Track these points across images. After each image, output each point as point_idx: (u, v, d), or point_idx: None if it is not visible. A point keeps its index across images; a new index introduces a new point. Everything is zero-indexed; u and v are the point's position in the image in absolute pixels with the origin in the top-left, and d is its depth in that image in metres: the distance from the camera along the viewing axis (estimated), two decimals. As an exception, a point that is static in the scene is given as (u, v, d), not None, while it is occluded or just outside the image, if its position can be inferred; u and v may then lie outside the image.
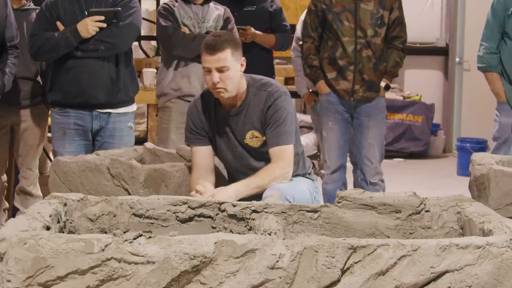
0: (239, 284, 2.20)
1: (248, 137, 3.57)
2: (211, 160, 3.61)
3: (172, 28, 4.68)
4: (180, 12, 4.75)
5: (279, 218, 2.77)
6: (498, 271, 2.24)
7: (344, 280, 2.23)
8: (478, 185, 3.55)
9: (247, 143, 3.58)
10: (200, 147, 3.59)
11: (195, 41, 4.64)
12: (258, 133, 3.56)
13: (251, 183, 3.42)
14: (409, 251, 2.23)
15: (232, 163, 3.64)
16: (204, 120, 3.61)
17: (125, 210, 2.80)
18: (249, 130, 3.56)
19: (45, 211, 2.53)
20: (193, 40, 4.66)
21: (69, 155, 4.03)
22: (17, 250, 2.17)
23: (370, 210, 2.85)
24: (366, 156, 4.91)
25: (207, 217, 2.83)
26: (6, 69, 4.29)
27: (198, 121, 3.61)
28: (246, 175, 3.48)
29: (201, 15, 4.78)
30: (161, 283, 2.18)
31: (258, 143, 3.57)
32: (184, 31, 4.69)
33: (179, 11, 4.76)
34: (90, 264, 2.17)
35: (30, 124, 4.81)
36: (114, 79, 4.40)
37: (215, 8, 4.84)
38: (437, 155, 9.39)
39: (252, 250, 2.21)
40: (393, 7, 4.81)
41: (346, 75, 4.80)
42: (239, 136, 3.58)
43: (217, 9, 4.85)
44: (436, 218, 2.81)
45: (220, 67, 3.39)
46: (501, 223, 2.44)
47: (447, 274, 2.23)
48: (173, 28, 4.68)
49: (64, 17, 4.36)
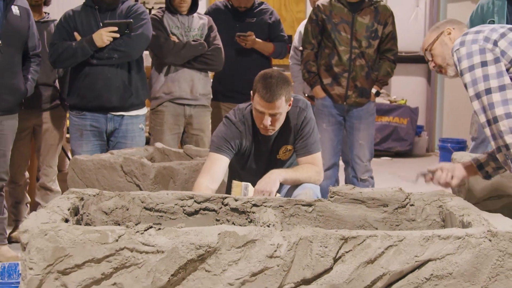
0: (241, 272, 2.20)
1: (282, 152, 3.51)
2: (225, 170, 3.45)
3: (163, 38, 4.67)
4: (168, 22, 4.74)
5: (277, 211, 2.77)
6: (476, 259, 2.24)
7: (336, 268, 2.23)
8: (458, 181, 3.55)
9: (279, 158, 3.53)
10: (225, 157, 3.40)
11: (185, 49, 4.65)
12: (291, 146, 3.51)
13: (293, 175, 3.38)
14: (395, 242, 2.23)
15: (254, 175, 3.45)
16: (243, 141, 3.47)
17: (137, 204, 2.80)
18: (283, 145, 3.51)
19: (64, 205, 2.53)
20: (182, 48, 4.66)
21: (85, 154, 4.03)
22: (39, 241, 2.17)
23: (360, 204, 2.85)
24: (357, 155, 4.91)
25: (212, 210, 2.83)
26: (29, 75, 4.30)
27: (238, 139, 3.44)
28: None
29: (187, 25, 4.77)
30: (170, 271, 2.18)
31: (288, 155, 3.54)
32: (174, 40, 4.69)
33: (167, 21, 4.75)
34: (105, 253, 2.17)
35: (50, 126, 4.82)
36: (126, 85, 4.40)
37: (199, 18, 4.83)
38: (421, 154, 9.39)
39: (253, 241, 2.21)
40: (387, 22, 4.82)
41: (341, 81, 4.81)
42: (274, 153, 3.52)
43: (201, 19, 4.84)
44: (420, 212, 2.81)
45: (274, 113, 3.30)
46: (479, 216, 2.44)
47: (430, 263, 2.23)
48: (164, 37, 4.68)
49: (81, 28, 4.37)
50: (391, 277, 2.23)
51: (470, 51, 2.66)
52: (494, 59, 2.62)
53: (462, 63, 2.67)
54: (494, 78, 2.59)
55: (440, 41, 2.86)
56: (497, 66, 2.61)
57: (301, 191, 3.33)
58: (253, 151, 3.51)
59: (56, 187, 4.92)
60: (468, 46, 2.68)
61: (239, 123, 3.46)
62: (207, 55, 4.73)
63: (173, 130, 4.77)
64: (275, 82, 3.26)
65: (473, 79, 2.62)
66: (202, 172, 3.37)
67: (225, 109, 5.12)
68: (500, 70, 2.60)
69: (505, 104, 2.55)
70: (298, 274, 2.22)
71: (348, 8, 4.79)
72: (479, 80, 2.61)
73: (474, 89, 2.62)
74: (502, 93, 2.57)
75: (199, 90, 4.77)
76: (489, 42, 2.66)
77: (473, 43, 2.68)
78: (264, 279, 2.21)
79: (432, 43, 2.88)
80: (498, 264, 2.25)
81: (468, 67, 2.65)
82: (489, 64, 2.61)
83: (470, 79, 2.63)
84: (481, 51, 2.64)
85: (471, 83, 2.63)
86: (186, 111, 4.77)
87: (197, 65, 4.73)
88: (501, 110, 2.55)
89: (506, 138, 2.54)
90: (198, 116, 4.81)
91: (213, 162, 3.37)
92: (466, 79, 2.65)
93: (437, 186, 3.08)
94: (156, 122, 4.82)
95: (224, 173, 3.42)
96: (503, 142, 2.56)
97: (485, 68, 2.61)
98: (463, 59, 2.67)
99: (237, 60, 5.09)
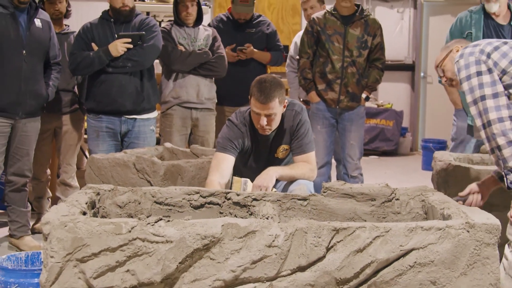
0: (242, 260, 2.20)
1: (279, 151, 3.50)
2: (231, 167, 3.43)
3: (171, 47, 4.67)
4: (176, 33, 4.74)
5: (275, 205, 2.76)
6: (456, 248, 2.23)
7: (328, 256, 2.22)
8: (439, 178, 3.54)
9: (277, 156, 3.51)
10: (230, 156, 3.39)
11: (190, 57, 4.65)
12: (287, 146, 3.50)
13: (289, 172, 3.37)
14: (382, 232, 2.23)
15: (254, 172, 3.44)
16: (245, 141, 3.46)
17: (148, 199, 2.80)
18: (280, 145, 3.50)
19: (82, 199, 2.53)
20: (188, 57, 4.66)
21: (101, 153, 4.03)
22: (59, 231, 2.17)
23: (350, 199, 2.85)
24: (348, 154, 4.91)
25: (216, 204, 2.83)
26: (50, 82, 4.30)
27: (240, 139, 3.44)
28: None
29: (193, 36, 4.77)
30: (178, 259, 2.17)
31: (285, 154, 3.52)
32: (181, 49, 4.69)
33: (175, 32, 4.75)
34: (119, 243, 2.17)
35: (69, 128, 4.82)
36: (139, 91, 4.40)
37: (204, 29, 4.83)
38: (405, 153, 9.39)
39: (253, 232, 2.21)
40: (376, 34, 4.83)
41: (334, 87, 4.81)
42: (272, 151, 3.51)
43: (206, 30, 4.84)
44: (404, 205, 2.81)
45: (269, 114, 3.30)
46: (458, 209, 2.44)
47: (413, 251, 2.23)
48: (172, 47, 4.67)
49: (98, 39, 4.37)
50: (378, 265, 2.23)
51: (468, 62, 2.70)
52: (488, 70, 2.66)
53: (461, 73, 2.71)
54: (488, 86, 2.62)
55: (450, 58, 2.90)
56: (490, 76, 2.64)
57: (295, 187, 3.33)
58: (253, 150, 3.51)
59: (75, 183, 4.92)
60: (466, 58, 2.72)
61: (241, 125, 3.46)
62: (212, 63, 4.73)
63: (181, 131, 4.77)
64: (268, 86, 3.27)
65: (470, 87, 2.66)
66: (211, 171, 3.36)
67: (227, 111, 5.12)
68: (493, 80, 2.64)
69: (498, 109, 2.59)
70: (294, 262, 2.22)
71: (341, 21, 4.79)
72: (475, 88, 2.64)
73: (472, 96, 2.66)
74: (495, 99, 2.60)
75: (205, 94, 4.77)
76: (484, 54, 2.70)
77: (470, 55, 2.72)
78: (263, 267, 2.21)
79: (442, 60, 2.93)
80: (475, 253, 2.24)
81: (466, 76, 2.69)
82: (483, 74, 2.65)
83: (467, 87, 2.67)
84: (477, 62, 2.68)
85: (468, 90, 2.67)
86: (192, 114, 4.77)
87: (202, 71, 4.73)
88: (494, 115, 2.58)
89: (498, 140, 2.57)
90: (204, 119, 4.81)
91: (220, 160, 3.37)
92: (465, 87, 2.69)
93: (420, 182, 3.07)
94: (165, 124, 4.81)
95: (231, 169, 3.41)
96: (495, 143, 2.58)
97: (480, 77, 2.65)
98: (461, 69, 2.71)
99: (238, 68, 5.09)
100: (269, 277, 2.21)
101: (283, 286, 2.21)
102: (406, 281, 2.23)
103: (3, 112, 4.03)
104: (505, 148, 2.55)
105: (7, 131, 4.08)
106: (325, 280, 2.21)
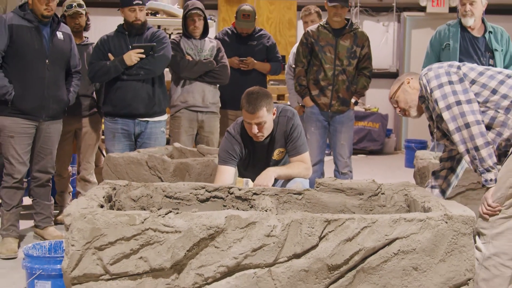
0: (243, 248, 2.20)
1: (276, 154, 3.47)
2: (233, 177, 3.39)
3: (180, 57, 4.67)
4: (184, 44, 4.74)
5: (273, 199, 2.76)
6: (435, 238, 2.24)
7: (321, 244, 2.22)
8: (420, 174, 3.55)
9: (274, 159, 3.48)
10: (231, 167, 3.37)
11: (197, 66, 4.66)
12: (283, 148, 3.47)
13: (286, 171, 3.34)
14: (369, 223, 2.23)
15: (255, 173, 3.39)
16: (244, 149, 3.42)
17: (159, 193, 2.80)
18: (276, 148, 3.46)
19: (99, 194, 2.53)
20: (195, 65, 4.66)
21: (117, 152, 4.03)
22: (79, 222, 2.17)
23: (341, 193, 2.85)
24: (339, 153, 4.90)
25: (220, 198, 2.83)
26: (71, 88, 4.30)
27: (238, 149, 3.40)
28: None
29: (199, 47, 4.76)
30: (186, 247, 2.18)
31: (281, 156, 3.50)
32: (188, 58, 4.69)
33: (183, 44, 4.74)
34: (133, 233, 2.17)
35: (88, 129, 4.82)
36: (150, 96, 4.40)
37: (210, 41, 4.83)
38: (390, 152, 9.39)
39: (253, 223, 2.21)
40: (364, 45, 4.83)
41: (326, 93, 4.81)
42: (269, 155, 3.47)
43: (211, 42, 4.83)
44: (389, 199, 2.81)
45: (258, 122, 3.25)
46: (437, 202, 2.44)
47: (397, 240, 2.23)
48: (180, 56, 4.67)
49: (114, 50, 4.37)
50: (365, 252, 2.23)
51: (438, 73, 2.65)
52: (459, 79, 2.61)
53: (431, 83, 2.64)
54: (461, 94, 2.57)
55: (402, 90, 2.84)
56: (462, 84, 2.60)
57: (292, 185, 3.30)
58: (251, 155, 3.48)
59: (93, 179, 4.91)
60: (435, 70, 2.68)
61: (238, 135, 3.41)
62: (216, 71, 4.73)
63: (188, 132, 4.77)
64: (255, 97, 3.22)
65: (442, 94, 2.59)
66: (215, 183, 3.28)
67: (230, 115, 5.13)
68: (465, 88, 2.59)
69: (474, 113, 2.53)
70: (290, 250, 2.22)
71: (332, 33, 4.79)
72: (449, 94, 2.58)
73: (445, 102, 2.58)
74: (470, 105, 2.55)
75: (209, 99, 4.77)
76: (453, 67, 2.67)
77: (439, 68, 2.68)
78: (262, 254, 2.21)
79: (395, 92, 2.86)
80: (453, 242, 2.24)
81: (437, 85, 2.62)
82: (455, 83, 2.60)
83: (440, 95, 2.60)
84: (447, 73, 2.64)
85: (441, 97, 2.59)
86: (198, 117, 4.77)
87: (207, 79, 4.73)
88: (472, 117, 2.52)
89: (477, 141, 2.51)
90: (209, 121, 4.81)
91: (221, 173, 3.34)
92: (436, 95, 2.61)
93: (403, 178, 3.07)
94: (174, 125, 4.82)
95: (232, 178, 3.38)
96: (473, 144, 2.52)
97: (453, 86, 2.59)
98: (431, 80, 2.65)
99: (241, 76, 5.09)
100: (268, 263, 2.21)
101: (280, 271, 2.21)
102: (390, 267, 2.23)
103: (28, 115, 4.03)
104: (483, 148, 2.51)
105: (32, 132, 4.09)
106: (318, 266, 2.21)
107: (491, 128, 2.58)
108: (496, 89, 2.59)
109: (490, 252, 2.52)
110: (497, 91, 2.59)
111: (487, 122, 2.58)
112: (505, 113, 2.55)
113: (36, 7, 3.99)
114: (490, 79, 2.62)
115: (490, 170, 2.53)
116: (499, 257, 2.50)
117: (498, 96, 2.58)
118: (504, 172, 2.53)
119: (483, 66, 2.71)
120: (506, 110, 2.56)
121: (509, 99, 2.55)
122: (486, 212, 2.53)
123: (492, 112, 2.58)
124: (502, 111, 2.56)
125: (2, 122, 4.03)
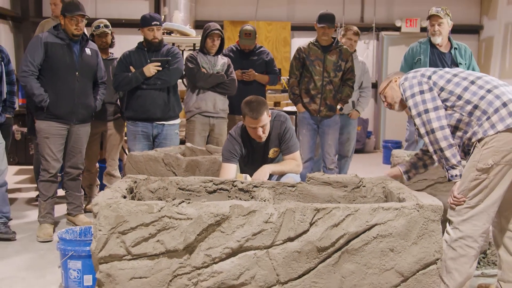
0: (245, 232, 2.20)
1: (271, 152, 3.45)
2: (235, 172, 3.38)
3: (196, 69, 4.67)
4: (200, 59, 4.73)
5: (270, 191, 2.77)
6: (408, 224, 2.24)
7: (311, 229, 2.23)
8: (396, 170, 3.53)
9: (270, 157, 3.47)
10: (233, 164, 3.36)
11: (211, 78, 4.65)
12: (277, 148, 3.45)
13: (279, 168, 3.33)
14: (352, 212, 2.24)
15: (253, 170, 3.38)
16: (243, 149, 3.41)
17: (173, 186, 2.80)
18: (272, 148, 3.45)
19: (122, 186, 2.54)
20: (209, 77, 4.66)
21: (138, 151, 4.03)
22: (105, 211, 2.18)
23: (328, 186, 2.85)
24: (326, 152, 4.91)
25: (225, 190, 2.83)
26: (97, 96, 4.29)
27: (239, 149, 3.39)
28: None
29: (213, 62, 4.75)
30: (196, 231, 2.18)
31: (276, 154, 3.48)
32: (204, 71, 4.69)
33: (199, 58, 4.73)
34: (151, 219, 2.18)
35: (113, 132, 4.81)
36: (166, 103, 4.40)
37: (221, 58, 4.81)
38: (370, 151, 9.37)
39: (254, 211, 2.22)
40: (348, 59, 4.82)
41: (316, 100, 4.80)
42: (265, 153, 3.46)
43: (223, 59, 4.82)
44: (369, 191, 2.81)
45: (262, 125, 3.26)
46: (410, 193, 2.45)
47: (376, 226, 2.23)
48: (197, 69, 4.68)
49: (135, 63, 4.37)
50: (349, 236, 2.23)
51: (411, 83, 2.67)
52: (429, 88, 2.63)
53: (406, 92, 2.68)
54: (430, 102, 2.59)
55: (389, 87, 2.85)
56: (431, 93, 2.61)
57: (285, 179, 3.30)
58: (250, 154, 3.47)
59: (117, 174, 4.91)
60: (409, 80, 2.70)
61: (238, 137, 3.41)
62: (226, 83, 4.74)
63: (201, 134, 4.76)
64: (256, 104, 3.23)
65: (414, 103, 2.63)
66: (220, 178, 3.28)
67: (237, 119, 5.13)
68: (433, 96, 2.61)
69: (439, 119, 2.56)
70: (285, 234, 2.23)
71: (321, 50, 4.79)
72: (419, 103, 2.61)
73: (416, 110, 2.62)
74: (436, 112, 2.58)
75: (220, 106, 4.77)
76: (425, 77, 2.68)
77: (413, 78, 2.70)
78: (261, 237, 2.21)
79: (384, 88, 2.88)
80: (424, 227, 2.25)
81: (410, 94, 2.65)
82: (425, 92, 2.62)
83: (412, 103, 2.64)
84: (419, 83, 2.65)
85: (413, 106, 2.63)
86: (210, 121, 4.77)
87: (218, 89, 4.73)
88: (436, 124, 2.56)
89: (441, 144, 2.54)
90: (219, 125, 4.81)
91: (225, 170, 3.33)
92: (410, 103, 2.65)
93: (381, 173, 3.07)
94: (189, 128, 4.81)
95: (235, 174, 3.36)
96: (438, 146, 2.56)
97: (423, 95, 2.61)
98: (406, 89, 2.68)
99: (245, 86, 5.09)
100: (266, 245, 2.22)
101: (276, 252, 2.22)
102: (370, 248, 2.23)
103: (61, 119, 4.03)
104: (446, 150, 2.55)
105: (64, 134, 4.09)
106: (308, 248, 2.22)
107: (458, 128, 2.60)
108: (461, 95, 2.60)
109: (457, 236, 2.53)
110: (462, 97, 2.60)
111: (454, 123, 2.60)
112: (468, 116, 2.57)
113: (67, 27, 3.99)
114: (456, 86, 2.63)
115: (454, 168, 2.56)
116: (465, 239, 2.52)
117: (463, 101, 2.59)
118: (467, 168, 2.55)
119: (451, 73, 2.69)
120: (469, 114, 2.57)
121: (471, 104, 2.56)
122: (453, 202, 2.56)
123: (458, 115, 2.59)
124: (465, 114, 2.58)
125: (39, 125, 4.04)
